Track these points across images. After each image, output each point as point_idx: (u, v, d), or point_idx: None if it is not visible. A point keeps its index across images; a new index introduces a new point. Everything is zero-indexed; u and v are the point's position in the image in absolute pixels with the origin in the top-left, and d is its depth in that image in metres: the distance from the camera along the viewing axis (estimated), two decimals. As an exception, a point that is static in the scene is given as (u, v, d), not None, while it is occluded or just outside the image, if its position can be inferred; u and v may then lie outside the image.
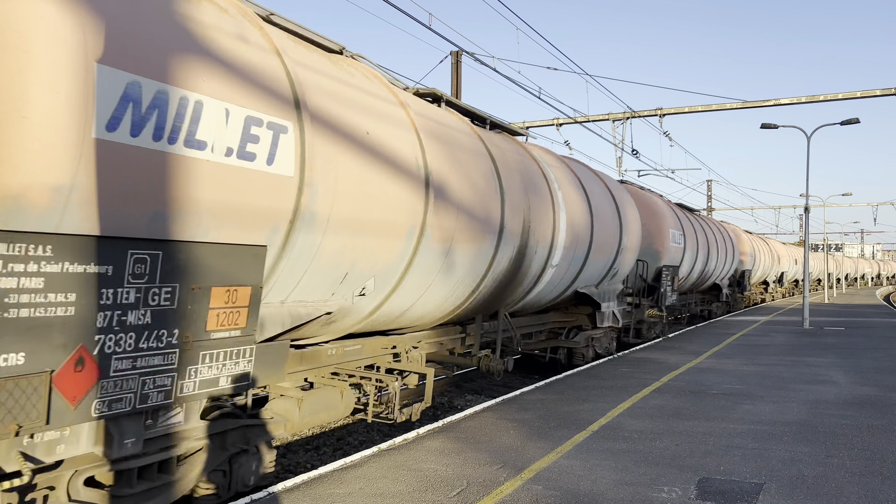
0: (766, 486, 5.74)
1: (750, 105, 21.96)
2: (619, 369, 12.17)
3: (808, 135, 22.80)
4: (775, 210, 55.78)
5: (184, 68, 4.34)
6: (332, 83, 5.97)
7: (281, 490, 5.50)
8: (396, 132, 6.68)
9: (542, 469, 6.14)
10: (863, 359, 14.14)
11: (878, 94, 20.06)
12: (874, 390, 10.37)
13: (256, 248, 4.96)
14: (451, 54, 18.71)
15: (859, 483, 5.87)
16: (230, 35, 4.86)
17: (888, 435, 7.57)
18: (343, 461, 6.30)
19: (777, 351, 15.37)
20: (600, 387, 10.34)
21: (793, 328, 21.64)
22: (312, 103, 5.53)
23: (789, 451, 6.88)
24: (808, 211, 23.81)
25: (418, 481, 5.75)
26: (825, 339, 18.13)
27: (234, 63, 4.79)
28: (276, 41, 5.43)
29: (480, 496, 5.41)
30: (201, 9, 4.72)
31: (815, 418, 8.37)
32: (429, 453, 6.59)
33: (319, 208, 5.52)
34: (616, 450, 6.81)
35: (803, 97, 21.24)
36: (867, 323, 24.24)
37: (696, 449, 6.89)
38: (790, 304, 37.79)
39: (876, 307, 35.47)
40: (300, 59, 5.72)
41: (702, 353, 14.85)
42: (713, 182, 48.63)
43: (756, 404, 9.17)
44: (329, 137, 5.64)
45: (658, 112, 23.20)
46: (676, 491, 5.59)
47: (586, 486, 5.67)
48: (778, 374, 11.84)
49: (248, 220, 4.89)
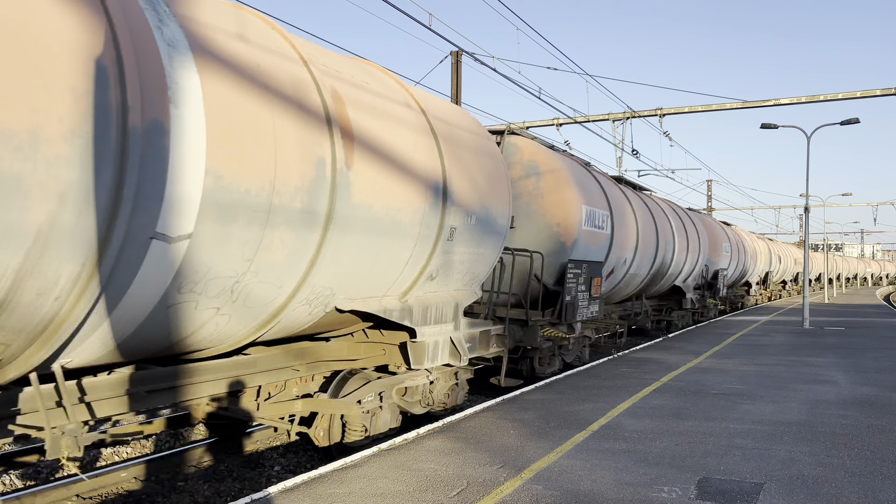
0: (766, 486, 5.74)
1: (750, 105, 21.96)
2: (619, 369, 12.16)
3: (808, 135, 22.81)
4: (775, 210, 55.81)
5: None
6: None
7: (281, 490, 5.50)
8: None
9: (542, 469, 6.14)
10: (863, 359, 14.14)
11: (878, 94, 20.07)
12: (874, 390, 10.37)
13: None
14: (451, 54, 18.71)
15: (859, 483, 5.87)
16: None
17: (888, 435, 7.57)
18: (343, 461, 6.29)
19: (777, 351, 15.37)
20: (600, 387, 10.34)
21: (793, 328, 21.64)
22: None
23: (789, 450, 6.88)
24: (808, 211, 23.82)
25: (418, 481, 5.75)
26: (825, 339, 18.13)
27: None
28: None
29: (480, 496, 5.41)
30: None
31: (816, 418, 8.37)
32: (429, 453, 6.59)
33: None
34: (616, 450, 6.81)
35: (803, 97, 21.25)
36: (867, 323, 24.25)
37: (696, 449, 6.89)
38: (789, 304, 37.79)
39: (876, 307, 35.48)
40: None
41: (702, 352, 14.85)
42: (713, 182, 48.64)
43: (756, 404, 9.17)
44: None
45: (658, 112, 23.21)
46: (676, 491, 5.59)
47: (586, 486, 5.67)
48: (778, 374, 11.84)
49: None
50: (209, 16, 5.18)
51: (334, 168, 5.94)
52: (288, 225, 5.52)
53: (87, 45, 4.00)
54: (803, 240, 25.68)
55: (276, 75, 5.53)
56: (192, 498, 6.86)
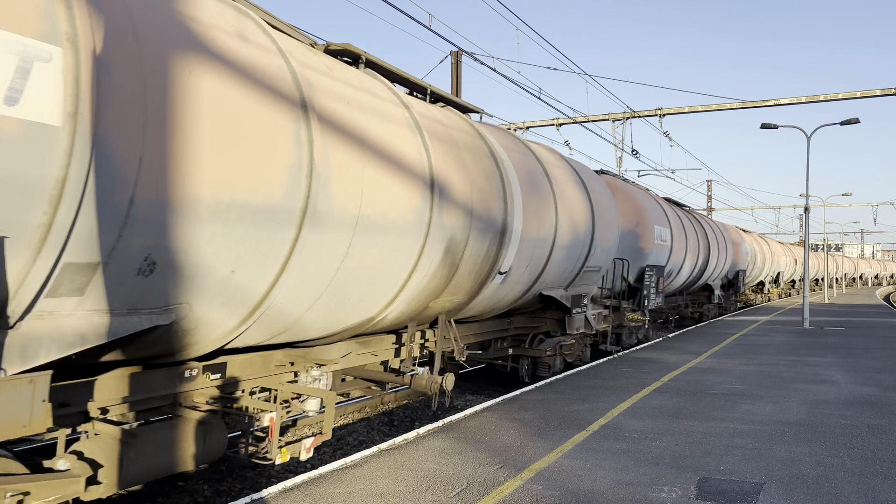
0: (766, 486, 5.74)
1: (750, 105, 21.96)
2: (620, 369, 12.16)
3: (808, 135, 22.80)
4: (775, 210, 55.80)
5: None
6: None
7: (281, 490, 5.50)
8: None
9: (542, 469, 6.14)
10: (863, 359, 14.14)
11: (878, 95, 20.06)
12: (874, 390, 10.37)
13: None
14: (451, 54, 18.71)
15: (859, 483, 5.87)
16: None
17: (888, 435, 7.57)
18: (343, 461, 6.29)
19: (777, 351, 15.37)
20: (600, 387, 10.34)
21: (793, 328, 21.63)
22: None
23: (789, 450, 6.88)
24: (808, 211, 23.82)
25: (418, 481, 5.75)
26: (825, 339, 18.13)
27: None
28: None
29: (480, 496, 5.41)
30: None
31: (815, 418, 8.37)
32: (429, 453, 6.59)
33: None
34: (616, 450, 6.81)
35: (803, 97, 21.24)
36: (867, 323, 24.24)
37: (696, 449, 6.89)
38: (790, 304, 37.79)
39: (876, 307, 35.47)
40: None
41: (702, 352, 14.85)
42: (713, 182, 48.65)
43: (756, 404, 9.17)
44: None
45: (658, 112, 23.20)
46: (676, 491, 5.59)
47: (586, 486, 5.67)
48: (778, 374, 11.84)
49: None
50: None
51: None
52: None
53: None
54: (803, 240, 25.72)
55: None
56: (192, 498, 6.85)
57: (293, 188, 5.14)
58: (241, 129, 4.69)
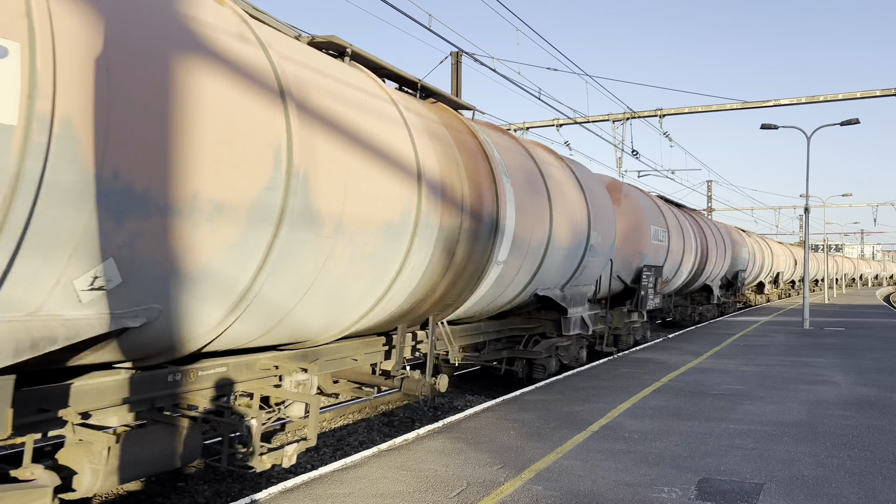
0: (766, 487, 5.74)
1: (750, 105, 21.96)
2: (620, 369, 12.16)
3: (808, 135, 22.81)
4: (775, 210, 55.81)
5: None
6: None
7: (281, 490, 5.50)
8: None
9: (543, 469, 6.14)
10: (863, 359, 14.14)
11: (878, 95, 20.06)
12: (874, 390, 10.37)
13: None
14: (451, 55, 18.72)
15: (859, 483, 5.87)
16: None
17: (888, 435, 7.57)
18: (343, 461, 6.30)
19: (777, 351, 15.37)
20: (600, 387, 10.34)
21: (793, 328, 21.63)
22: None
23: (789, 451, 6.88)
24: (808, 211, 23.82)
25: (418, 482, 5.75)
26: (825, 340, 18.13)
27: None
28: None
29: (480, 496, 5.41)
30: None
31: (816, 418, 8.37)
32: (429, 453, 6.59)
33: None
34: (616, 450, 6.81)
35: (803, 98, 21.25)
36: (867, 323, 24.24)
37: (696, 449, 6.89)
38: (789, 304, 37.79)
39: (876, 307, 35.48)
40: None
41: (702, 353, 14.85)
42: (713, 182, 48.65)
43: (756, 404, 9.17)
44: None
45: (658, 112, 23.20)
46: (676, 491, 5.59)
47: (586, 487, 5.67)
48: (778, 375, 11.84)
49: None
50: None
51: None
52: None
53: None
54: (803, 240, 25.72)
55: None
56: (192, 498, 6.85)
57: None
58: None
